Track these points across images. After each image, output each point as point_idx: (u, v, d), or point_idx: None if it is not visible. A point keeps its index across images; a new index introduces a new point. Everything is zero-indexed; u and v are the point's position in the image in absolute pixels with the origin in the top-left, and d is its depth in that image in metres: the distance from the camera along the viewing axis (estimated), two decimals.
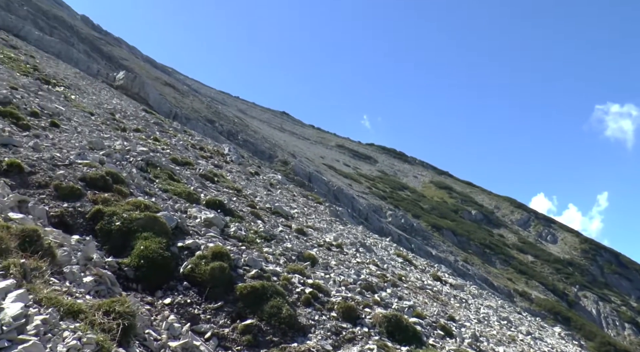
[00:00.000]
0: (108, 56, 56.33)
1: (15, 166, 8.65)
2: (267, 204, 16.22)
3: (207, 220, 9.85)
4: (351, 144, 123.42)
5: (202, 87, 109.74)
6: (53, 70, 26.82)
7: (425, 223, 65.97)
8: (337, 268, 11.45)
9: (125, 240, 7.55)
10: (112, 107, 23.63)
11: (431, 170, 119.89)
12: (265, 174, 27.98)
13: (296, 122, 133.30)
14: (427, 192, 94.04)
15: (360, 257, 15.01)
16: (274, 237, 11.39)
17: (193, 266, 7.38)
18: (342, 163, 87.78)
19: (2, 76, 17.32)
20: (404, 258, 22.24)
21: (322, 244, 13.94)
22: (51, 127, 13.19)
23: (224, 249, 8.09)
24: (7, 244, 5.27)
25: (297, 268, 9.41)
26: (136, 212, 8.18)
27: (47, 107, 15.11)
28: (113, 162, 11.73)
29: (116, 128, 17.82)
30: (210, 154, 22.87)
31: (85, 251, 6.58)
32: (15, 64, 22.01)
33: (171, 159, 15.93)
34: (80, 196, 8.51)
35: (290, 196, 23.92)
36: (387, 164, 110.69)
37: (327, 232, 17.61)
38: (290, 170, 43.78)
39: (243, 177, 21.30)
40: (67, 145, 11.70)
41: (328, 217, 24.07)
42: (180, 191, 11.62)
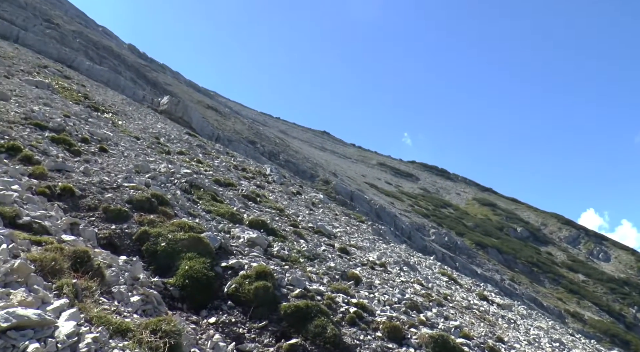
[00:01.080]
0: (153, 82, 58.20)
1: (67, 190, 9.01)
2: (309, 224, 16.23)
3: (250, 240, 9.91)
4: (392, 162, 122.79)
5: (243, 109, 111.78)
6: (102, 97, 27.88)
7: (469, 241, 64.56)
8: (381, 287, 11.29)
9: (170, 260, 7.68)
10: (157, 131, 24.31)
11: (474, 187, 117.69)
12: (307, 193, 28.07)
13: (337, 141, 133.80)
14: (471, 210, 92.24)
15: (405, 276, 14.77)
16: (317, 257, 11.35)
17: (237, 285, 7.42)
18: (384, 181, 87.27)
19: (56, 105, 18.12)
20: (448, 277, 21.76)
21: (366, 263, 13.80)
22: (100, 152, 13.67)
23: (267, 268, 8.11)
24: (61, 264, 5.45)
25: (341, 287, 9.32)
26: (181, 233, 8.32)
27: (96, 133, 15.69)
28: (158, 184, 12.02)
29: (161, 151, 18.29)
30: (252, 175, 23.14)
31: (132, 271, 6.71)
32: (68, 93, 23.00)
33: (214, 180, 16.19)
34: (127, 217, 8.75)
35: (332, 215, 23.88)
36: (429, 181, 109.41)
37: (370, 251, 17.44)
38: (332, 189, 43.79)
39: (285, 197, 21.43)
40: (115, 169, 12.08)
41: (371, 235, 23.87)
42: (223, 211, 11.77)
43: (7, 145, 10.81)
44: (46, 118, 14.83)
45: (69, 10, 76.23)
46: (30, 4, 54.39)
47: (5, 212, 6.70)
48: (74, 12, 78.32)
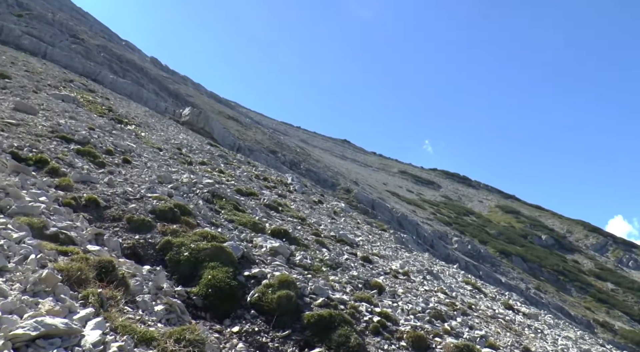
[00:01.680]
0: (175, 94, 58.98)
1: (92, 201, 9.17)
2: (331, 232, 16.19)
3: (272, 249, 9.92)
4: (414, 169, 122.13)
5: (264, 119, 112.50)
6: (125, 110, 28.33)
7: (492, 249, 63.67)
8: (404, 296, 11.18)
9: (193, 270, 7.72)
10: (179, 142, 24.59)
11: (497, 194, 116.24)
12: (328, 202, 28.05)
13: (358, 149, 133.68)
14: (494, 217, 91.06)
15: (428, 285, 14.61)
16: (340, 265, 11.31)
17: (260, 294, 7.42)
18: (405, 189, 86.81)
19: (81, 118, 18.47)
20: (472, 286, 21.46)
21: (389, 272, 13.69)
22: (124, 164, 13.88)
23: (290, 277, 8.10)
24: (86, 274, 5.52)
25: (364, 296, 9.26)
26: (203, 243, 8.37)
27: (120, 145, 15.94)
28: (181, 194, 12.13)
29: (183, 162, 18.48)
30: (273, 184, 23.22)
31: (156, 281, 6.77)
32: (93, 106, 23.44)
33: (236, 190, 16.29)
34: (150, 227, 8.84)
35: (354, 223, 23.80)
36: (450, 189, 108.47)
37: (393, 259, 17.31)
38: (353, 198, 43.67)
39: (307, 206, 21.44)
40: (138, 180, 12.24)
41: (393, 244, 23.71)
42: (245, 221, 11.81)
43: (35, 158, 11.05)
44: (72, 131, 15.12)
45: (93, 25, 77.94)
46: (57, 20, 55.78)
47: (34, 224, 6.83)
48: (98, 27, 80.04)
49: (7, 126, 13.38)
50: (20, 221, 6.70)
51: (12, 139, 12.20)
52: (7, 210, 7.16)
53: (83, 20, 75.44)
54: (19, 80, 22.50)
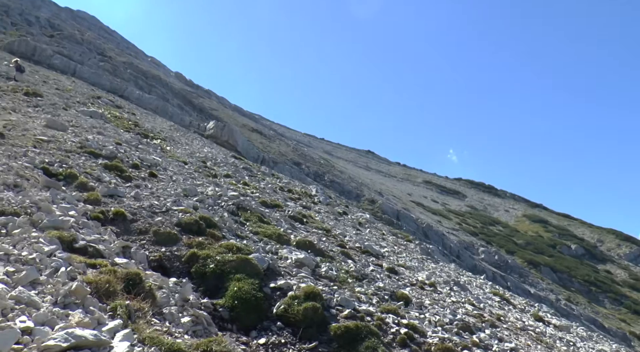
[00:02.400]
0: (199, 108, 59.77)
1: (119, 215, 9.32)
2: (356, 244, 16.11)
3: (298, 260, 9.91)
4: (438, 179, 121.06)
5: (287, 131, 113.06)
6: (151, 124, 28.81)
7: (520, 259, 62.47)
8: (431, 308, 11.03)
9: (219, 281, 7.75)
10: (204, 155, 24.85)
11: (523, 203, 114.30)
12: (353, 213, 27.97)
13: (382, 160, 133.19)
14: (521, 227, 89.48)
15: (455, 296, 14.40)
16: (366, 277, 11.23)
17: (286, 306, 7.40)
18: (430, 199, 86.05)
19: (109, 133, 18.84)
20: (500, 297, 21.08)
21: (415, 283, 13.54)
22: (150, 177, 14.08)
23: (316, 289, 8.07)
24: (114, 286, 5.59)
25: (391, 308, 9.16)
26: (229, 255, 8.41)
27: (146, 159, 16.18)
28: (206, 207, 12.23)
29: (208, 175, 18.65)
30: (298, 196, 23.26)
31: (182, 293, 6.81)
32: (120, 122, 23.90)
33: (261, 202, 16.36)
34: (176, 240, 8.93)
35: (379, 234, 23.66)
36: (476, 198, 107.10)
37: (419, 270, 17.13)
38: (378, 208, 43.45)
39: (331, 217, 21.40)
40: (164, 194, 12.39)
41: (419, 255, 23.47)
42: (270, 232, 11.84)
43: (64, 173, 11.30)
44: (99, 146, 15.43)
45: (120, 43, 79.74)
46: (86, 39, 57.27)
47: (64, 237, 6.96)
48: (124, 44, 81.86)
49: (39, 143, 13.72)
50: (51, 235, 6.84)
51: (44, 155, 12.51)
52: (39, 224, 7.32)
53: (110, 39, 77.27)
54: (50, 98, 23.10)
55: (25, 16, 57.32)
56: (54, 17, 65.21)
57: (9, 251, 5.75)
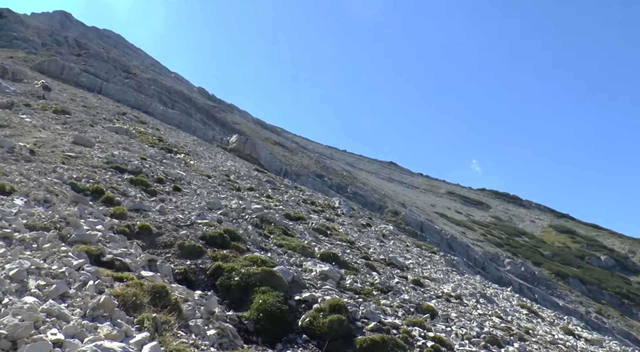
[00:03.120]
0: (222, 122, 60.45)
1: (145, 229, 9.45)
2: (381, 256, 16.01)
3: (322, 273, 9.88)
4: (461, 190, 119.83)
5: (309, 143, 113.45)
6: (174, 139, 29.21)
7: (547, 271, 61.21)
8: (458, 320, 10.86)
9: (244, 294, 7.77)
10: (227, 168, 25.06)
11: (549, 213, 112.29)
12: (376, 225, 27.82)
13: (404, 171, 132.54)
14: (547, 237, 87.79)
15: (482, 308, 14.15)
16: (391, 289, 11.13)
17: (311, 318, 7.37)
18: (454, 210, 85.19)
19: (134, 149, 19.16)
20: (528, 309, 20.63)
21: (441, 295, 13.36)
22: (174, 191, 14.25)
23: (341, 301, 8.02)
24: (141, 299, 5.65)
25: (417, 320, 9.05)
26: (253, 268, 8.43)
27: (170, 174, 16.39)
28: (230, 220, 12.31)
29: (231, 188, 18.79)
30: (321, 208, 23.26)
31: (207, 305, 6.83)
32: (144, 137, 24.30)
33: (284, 214, 16.39)
34: (201, 253, 9.00)
35: (403, 246, 23.47)
36: (500, 209, 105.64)
37: (444, 282, 16.91)
38: (401, 220, 43.17)
39: (355, 229, 21.32)
40: (188, 207, 12.51)
41: (444, 267, 23.19)
42: (294, 245, 11.84)
43: (92, 188, 11.52)
44: (125, 161, 15.69)
45: (144, 59, 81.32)
46: (112, 57, 58.60)
47: (91, 251, 7.08)
48: (149, 61, 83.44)
49: (67, 159, 14.02)
50: (79, 249, 6.96)
51: (72, 171, 12.77)
52: (68, 238, 7.47)
53: (135, 56, 78.85)
54: (77, 115, 23.63)
55: (55, 37, 59.03)
56: (81, 37, 66.97)
57: (40, 265, 5.87)
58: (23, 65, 38.83)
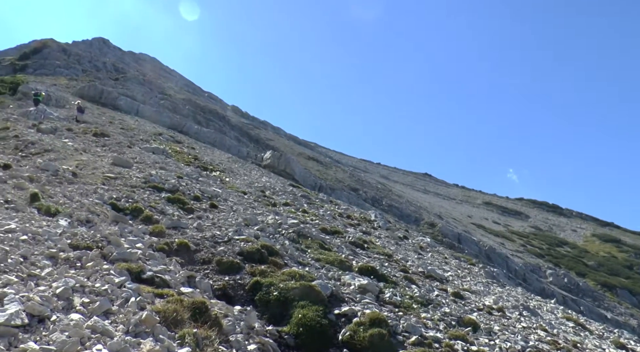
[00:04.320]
0: (255, 139, 61.14)
1: (183, 246, 9.58)
2: (419, 268, 15.78)
3: (361, 286, 9.79)
4: (499, 200, 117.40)
5: (343, 157, 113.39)
6: (209, 157, 29.65)
7: (592, 282, 59.09)
8: (501, 334, 10.56)
9: (283, 309, 7.75)
10: (262, 185, 25.25)
11: (592, 222, 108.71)
12: (413, 237, 27.49)
13: (439, 182, 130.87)
14: (591, 247, 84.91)
15: (525, 321, 13.74)
16: (431, 302, 10.92)
17: (351, 332, 7.28)
18: (491, 221, 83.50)
19: (170, 168, 19.53)
20: (575, 322, 19.92)
21: (482, 308, 13.04)
22: (211, 208, 14.42)
23: (381, 315, 7.91)
24: (182, 315, 5.69)
25: (459, 334, 8.84)
26: (292, 282, 8.41)
27: (206, 191, 16.60)
28: (267, 235, 12.35)
29: (267, 204, 18.89)
30: (357, 222, 23.14)
31: (247, 320, 6.84)
32: (180, 156, 24.76)
33: (320, 228, 16.36)
34: (239, 269, 9.05)
35: (441, 258, 23.10)
36: (540, 218, 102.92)
37: (485, 295, 16.52)
38: (438, 232, 42.57)
39: (392, 242, 21.11)
40: (225, 224, 12.63)
41: (484, 279, 22.68)
42: (332, 259, 11.78)
43: (131, 207, 11.79)
44: (162, 180, 15.99)
45: (179, 81, 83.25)
46: (147, 80, 60.28)
47: (132, 269, 7.21)
48: (183, 82, 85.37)
49: (107, 180, 14.39)
50: (121, 267, 7.10)
51: (112, 192, 13.10)
52: (110, 257, 7.63)
53: (170, 77, 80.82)
54: (116, 137, 24.28)
55: (94, 62, 61.13)
56: (118, 61, 69.13)
57: (84, 283, 6.00)
58: (65, 91, 40.26)
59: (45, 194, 10.85)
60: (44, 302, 5.00)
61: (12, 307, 4.59)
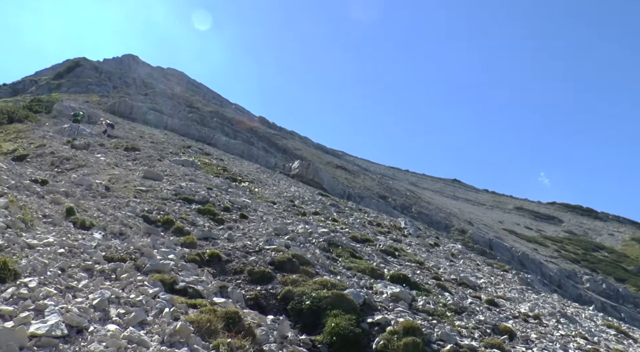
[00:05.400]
0: (283, 149, 61.46)
1: (215, 256, 9.65)
2: (451, 275, 15.55)
3: (393, 295, 9.69)
4: (530, 204, 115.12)
5: (371, 165, 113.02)
6: (238, 168, 29.91)
7: (633, 288, 57.25)
8: (539, 342, 10.29)
9: (316, 318, 7.71)
10: (291, 194, 25.32)
11: (630, 225, 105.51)
12: (444, 244, 27.16)
13: (469, 188, 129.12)
14: (630, 251, 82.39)
15: (564, 329, 13.36)
16: (465, 310, 10.73)
17: (385, 341, 7.19)
18: (523, 226, 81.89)
19: (200, 180, 19.76)
20: (616, 329, 19.27)
21: (518, 316, 12.75)
22: (241, 219, 14.53)
23: (415, 323, 7.80)
24: (215, 325, 5.72)
25: (495, 342, 8.64)
26: (324, 291, 8.38)
27: (236, 202, 16.73)
28: (297, 245, 12.36)
29: (296, 213, 18.93)
30: (387, 229, 23.00)
31: (280, 330, 6.83)
32: (209, 168, 25.04)
33: (351, 237, 16.31)
34: (270, 278, 9.06)
35: (473, 265, 22.73)
36: (574, 223, 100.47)
37: (520, 302, 16.16)
38: (469, 238, 41.95)
39: (423, 250, 20.90)
40: (256, 234, 12.69)
41: (518, 285, 22.21)
42: (363, 267, 11.72)
43: (162, 219, 11.96)
44: (192, 192, 16.18)
45: (206, 94, 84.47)
46: (175, 94, 61.36)
47: (165, 280, 7.29)
48: (210, 95, 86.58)
49: (139, 193, 14.65)
50: (154, 278, 7.19)
51: (143, 204, 13.32)
52: (143, 268, 7.75)
53: (197, 90, 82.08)
54: (146, 151, 24.73)
55: (124, 79, 62.59)
56: (147, 77, 70.59)
57: (119, 294, 6.09)
58: (97, 108, 41.24)
59: (80, 208, 11.10)
60: (82, 314, 5.09)
61: (52, 318, 4.70)
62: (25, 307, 4.94)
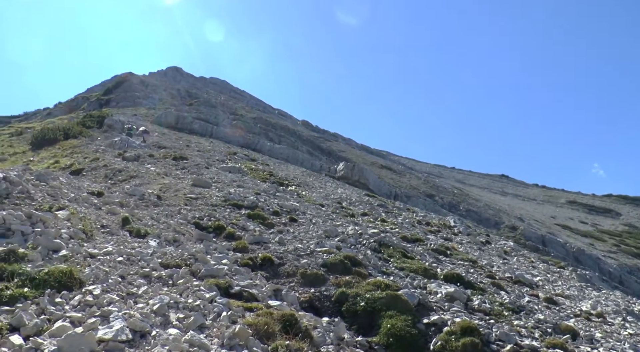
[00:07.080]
0: (327, 151, 61.61)
1: (267, 260, 9.74)
2: (506, 273, 15.15)
3: (448, 294, 9.51)
4: (584, 198, 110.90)
5: (416, 163, 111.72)
6: (284, 173, 30.15)
7: None
8: (605, 342, 9.85)
9: (371, 319, 7.66)
10: (338, 196, 25.33)
11: None
12: (496, 242, 26.52)
13: (518, 183, 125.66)
14: None
15: (631, 327, 12.77)
16: (523, 309, 10.42)
17: (443, 342, 7.05)
18: (577, 221, 79.02)
19: (247, 185, 20.03)
20: None
21: (579, 314, 12.28)
22: (290, 222, 14.61)
23: (472, 323, 7.62)
24: (272, 328, 5.76)
25: (557, 342, 8.33)
26: (378, 292, 8.32)
27: (284, 206, 16.85)
28: (348, 246, 12.33)
29: (345, 215, 18.90)
30: (437, 228, 22.67)
31: (336, 332, 6.81)
32: (256, 173, 25.36)
33: (401, 237, 16.15)
34: (324, 280, 9.06)
35: (528, 262, 22.09)
36: (633, 215, 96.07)
37: (581, 299, 15.57)
38: (520, 235, 40.80)
39: (475, 248, 20.46)
40: (306, 236, 12.74)
41: (576, 282, 21.42)
42: (415, 267, 11.57)
43: (213, 225, 12.18)
44: (241, 198, 16.40)
45: (249, 101, 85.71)
46: (219, 102, 62.56)
47: (220, 284, 7.40)
48: (253, 102, 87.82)
49: (189, 200, 14.97)
50: (210, 283, 7.31)
51: (194, 211, 13.60)
52: (198, 273, 7.90)
53: (240, 98, 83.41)
54: (193, 159, 25.28)
55: (169, 90, 64.36)
56: (191, 87, 72.29)
57: (178, 300, 6.22)
58: (145, 120, 42.52)
59: (134, 217, 11.42)
60: (144, 319, 5.23)
61: (117, 323, 4.85)
62: (92, 313, 5.12)
